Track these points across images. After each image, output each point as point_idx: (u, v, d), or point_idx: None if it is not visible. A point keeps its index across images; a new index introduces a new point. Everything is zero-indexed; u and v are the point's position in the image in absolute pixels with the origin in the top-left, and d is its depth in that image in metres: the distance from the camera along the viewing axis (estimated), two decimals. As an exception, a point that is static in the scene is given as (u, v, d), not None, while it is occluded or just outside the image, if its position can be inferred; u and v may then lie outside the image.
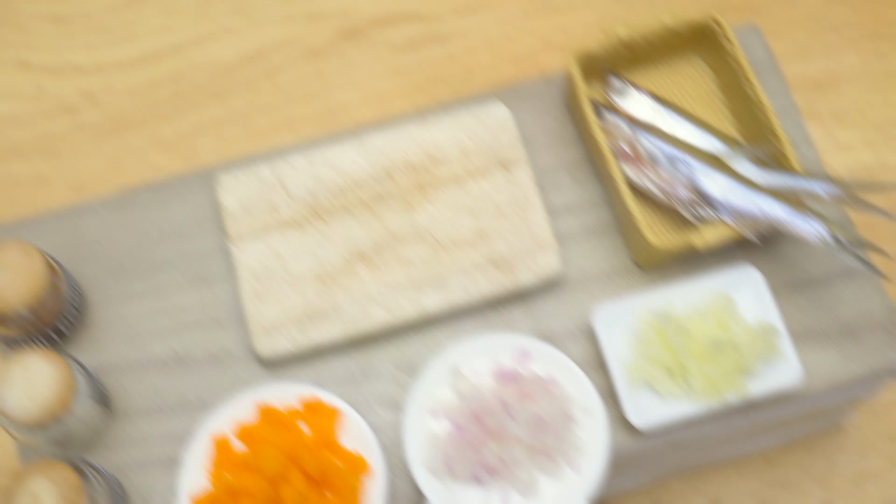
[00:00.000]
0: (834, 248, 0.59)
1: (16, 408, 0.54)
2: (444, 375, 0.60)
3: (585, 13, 0.89)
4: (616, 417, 0.61)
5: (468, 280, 0.62)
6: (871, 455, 0.79)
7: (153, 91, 0.88)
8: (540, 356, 0.60)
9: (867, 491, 0.78)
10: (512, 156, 0.65)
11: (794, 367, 0.60)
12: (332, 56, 0.89)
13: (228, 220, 0.63)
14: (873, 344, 0.63)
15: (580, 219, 0.65)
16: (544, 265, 0.62)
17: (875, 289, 0.64)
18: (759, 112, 0.63)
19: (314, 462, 0.56)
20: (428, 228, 0.63)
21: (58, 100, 0.87)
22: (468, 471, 0.57)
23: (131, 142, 0.86)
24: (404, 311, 0.62)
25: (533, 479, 0.58)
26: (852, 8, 0.91)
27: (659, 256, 0.61)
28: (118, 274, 0.64)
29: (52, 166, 0.85)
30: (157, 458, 0.61)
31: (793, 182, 0.61)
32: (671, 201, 0.63)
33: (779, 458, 0.79)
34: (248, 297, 0.62)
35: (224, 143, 0.86)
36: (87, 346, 0.63)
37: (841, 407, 0.71)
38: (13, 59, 0.89)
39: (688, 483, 0.79)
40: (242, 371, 0.62)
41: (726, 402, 0.59)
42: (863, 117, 0.88)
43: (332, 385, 0.62)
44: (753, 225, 0.61)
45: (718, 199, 0.62)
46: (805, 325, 0.63)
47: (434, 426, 0.59)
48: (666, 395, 0.60)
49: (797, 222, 0.60)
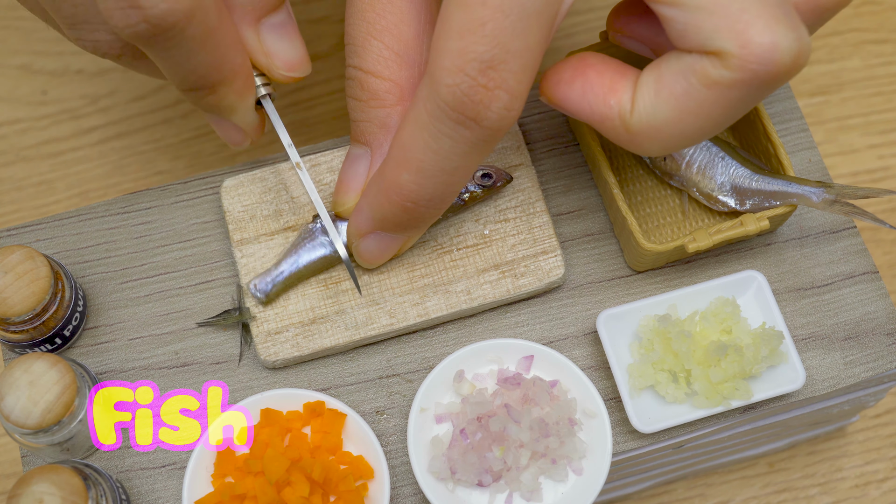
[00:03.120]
0: (834, 202, 0.60)
1: (19, 412, 0.54)
2: (447, 380, 0.60)
3: (585, 17, 0.89)
4: (620, 422, 0.61)
5: (472, 285, 0.62)
6: (876, 460, 0.79)
7: (158, 96, 0.88)
8: (544, 361, 0.60)
9: (871, 496, 0.78)
10: (516, 160, 0.65)
11: (797, 371, 0.60)
12: (335, 61, 0.89)
13: (233, 225, 0.63)
14: (877, 348, 0.63)
15: (584, 224, 0.65)
16: (548, 270, 0.62)
17: (879, 293, 0.64)
18: (754, 116, 0.63)
19: (318, 466, 0.56)
20: (432, 233, 0.63)
21: (62, 105, 0.88)
22: (472, 475, 0.57)
23: (136, 147, 0.86)
24: (408, 316, 0.62)
25: (537, 484, 0.58)
26: (856, 12, 0.91)
27: (651, 257, 0.61)
28: (122, 278, 0.64)
29: (57, 171, 0.86)
30: (160, 462, 0.61)
31: (786, 187, 0.61)
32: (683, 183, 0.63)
33: (783, 463, 0.79)
34: (252, 302, 0.62)
35: (228, 148, 0.86)
36: (90, 350, 0.63)
37: (845, 411, 0.71)
38: (17, 64, 0.89)
39: (691, 488, 0.79)
40: (246, 376, 0.62)
41: (730, 406, 0.59)
42: (867, 122, 0.88)
43: (336, 390, 0.62)
44: (757, 205, 0.61)
45: (726, 182, 0.62)
46: (808, 330, 0.63)
47: (438, 431, 0.60)
48: (670, 399, 0.60)
49: (797, 188, 0.60)
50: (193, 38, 0.49)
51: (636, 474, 0.70)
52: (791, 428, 0.72)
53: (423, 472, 0.58)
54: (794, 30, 0.46)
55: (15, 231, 0.66)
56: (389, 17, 0.53)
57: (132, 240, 0.65)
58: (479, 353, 0.60)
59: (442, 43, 0.47)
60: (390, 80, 0.54)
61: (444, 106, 0.48)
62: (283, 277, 0.61)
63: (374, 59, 0.54)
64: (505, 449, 0.57)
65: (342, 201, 0.58)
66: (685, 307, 0.62)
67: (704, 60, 0.47)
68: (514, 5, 0.46)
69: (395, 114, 0.55)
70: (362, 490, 0.58)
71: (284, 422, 0.59)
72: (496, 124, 0.48)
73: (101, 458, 0.61)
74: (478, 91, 0.46)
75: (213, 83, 0.52)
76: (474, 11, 0.46)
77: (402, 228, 0.56)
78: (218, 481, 0.58)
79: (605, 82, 0.51)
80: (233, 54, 0.52)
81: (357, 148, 0.57)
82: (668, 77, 0.49)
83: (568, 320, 0.63)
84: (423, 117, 0.49)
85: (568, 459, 0.58)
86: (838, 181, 0.84)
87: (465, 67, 0.46)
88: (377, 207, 0.54)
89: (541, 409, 0.58)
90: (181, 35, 0.48)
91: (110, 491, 0.56)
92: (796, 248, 0.65)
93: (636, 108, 0.50)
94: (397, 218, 0.54)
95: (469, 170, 0.51)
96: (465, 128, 0.48)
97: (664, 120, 0.49)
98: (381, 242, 0.58)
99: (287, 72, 0.56)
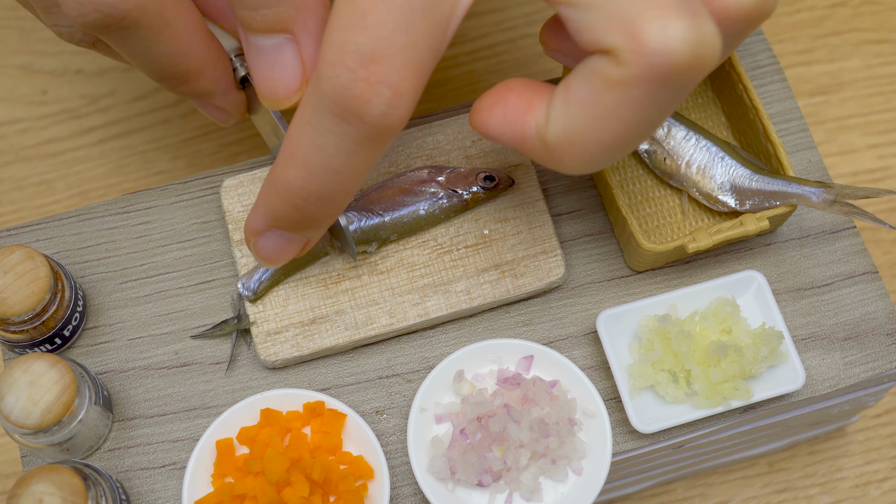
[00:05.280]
0: (834, 202, 0.60)
1: (19, 412, 0.54)
2: (447, 380, 0.60)
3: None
4: (620, 422, 0.61)
5: (472, 285, 0.62)
6: (876, 460, 0.79)
7: (158, 96, 0.88)
8: (544, 361, 0.60)
9: (872, 496, 0.78)
10: (515, 160, 0.65)
11: (797, 371, 0.60)
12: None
13: (232, 225, 0.63)
14: (877, 348, 0.63)
15: (584, 223, 0.65)
16: (548, 270, 0.62)
17: (878, 293, 0.64)
18: (754, 116, 0.63)
19: (318, 467, 0.56)
20: (432, 233, 0.63)
21: (62, 105, 0.88)
22: (472, 475, 0.57)
23: (136, 147, 0.86)
24: (408, 316, 0.62)
25: (537, 484, 0.58)
26: (856, 12, 0.91)
27: (651, 257, 0.61)
28: (122, 278, 0.64)
29: (57, 171, 0.86)
30: (160, 462, 0.61)
31: (786, 187, 0.61)
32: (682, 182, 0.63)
33: (783, 463, 0.79)
34: (252, 301, 0.62)
35: (228, 148, 0.86)
36: (90, 350, 0.63)
37: (845, 411, 0.71)
38: (17, 64, 0.89)
39: (691, 488, 0.79)
40: (246, 376, 0.62)
41: (730, 406, 0.59)
42: (867, 122, 0.88)
43: (336, 390, 0.62)
44: (757, 205, 0.61)
45: (725, 181, 0.62)
46: (808, 330, 0.63)
47: (438, 431, 0.60)
48: (669, 399, 0.60)
49: (796, 188, 0.60)
50: (150, 27, 0.49)
51: (636, 474, 0.70)
52: (791, 428, 0.72)
53: (423, 472, 0.58)
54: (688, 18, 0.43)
55: (15, 231, 0.66)
56: None
57: (132, 240, 0.65)
58: (479, 353, 0.60)
59: (327, 35, 0.45)
60: None
61: (325, 100, 0.45)
62: (269, 273, 0.61)
63: None
64: (505, 449, 0.57)
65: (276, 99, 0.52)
66: (685, 307, 0.62)
67: (602, 60, 0.44)
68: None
69: None
70: (362, 490, 0.58)
71: (284, 422, 0.59)
72: (379, 121, 0.45)
73: (100, 457, 0.61)
74: (358, 84, 0.44)
75: (180, 73, 0.52)
76: (358, 3, 0.44)
77: (297, 227, 0.53)
78: (218, 481, 0.58)
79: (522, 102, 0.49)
80: (197, 44, 0.52)
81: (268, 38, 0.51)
82: (575, 84, 0.46)
83: (568, 320, 0.63)
84: (308, 112, 0.47)
85: (568, 459, 0.58)
86: (838, 181, 0.84)
87: (346, 59, 0.44)
88: (269, 204, 0.51)
89: (541, 409, 0.58)
90: (136, 25, 0.48)
91: (110, 491, 0.56)
92: (796, 248, 0.65)
93: (550, 121, 0.47)
94: (289, 216, 0.51)
95: (358, 170, 0.48)
96: (348, 123, 0.46)
97: (576, 129, 0.46)
98: (279, 241, 0.54)
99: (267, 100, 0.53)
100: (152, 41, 0.50)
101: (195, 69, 0.53)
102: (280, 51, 0.51)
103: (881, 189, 0.61)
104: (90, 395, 0.57)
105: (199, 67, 0.53)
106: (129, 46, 0.50)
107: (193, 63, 0.52)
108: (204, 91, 0.54)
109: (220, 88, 0.55)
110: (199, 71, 0.53)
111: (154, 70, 0.52)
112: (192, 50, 0.52)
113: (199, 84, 0.54)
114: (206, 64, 0.53)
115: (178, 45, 0.51)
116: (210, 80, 0.54)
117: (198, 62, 0.53)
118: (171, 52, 0.51)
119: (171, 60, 0.51)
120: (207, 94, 0.55)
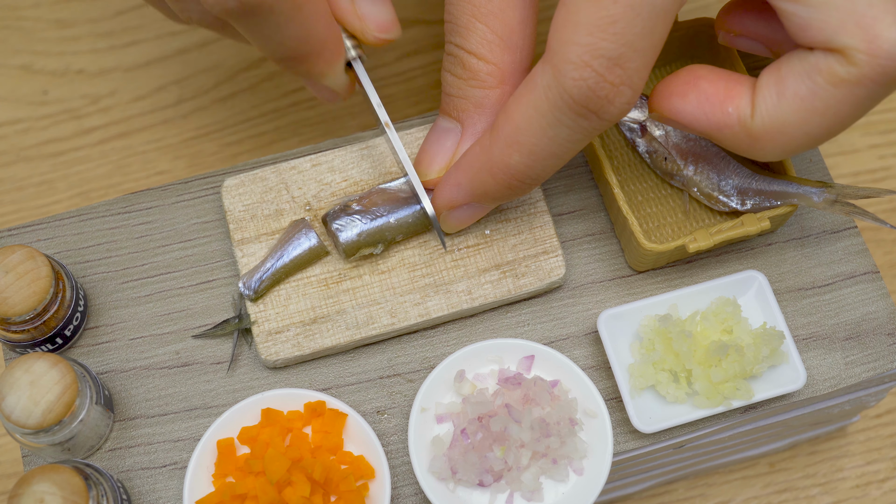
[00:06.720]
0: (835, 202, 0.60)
1: (20, 412, 0.54)
2: (448, 380, 0.60)
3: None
4: (620, 422, 0.61)
5: (473, 285, 0.62)
6: (877, 460, 0.79)
7: (158, 96, 0.88)
8: (544, 361, 0.60)
9: (872, 496, 0.78)
10: (516, 160, 0.65)
11: (798, 371, 0.60)
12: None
13: (233, 224, 0.63)
14: (878, 348, 0.63)
15: (585, 223, 0.65)
16: (549, 270, 0.62)
17: (879, 293, 0.64)
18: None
19: (319, 466, 0.56)
20: (432, 233, 0.63)
21: (63, 105, 0.88)
22: (473, 475, 0.57)
23: (137, 147, 0.86)
24: (409, 316, 0.62)
25: (537, 484, 0.58)
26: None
27: (652, 257, 0.61)
28: (123, 278, 0.64)
29: (58, 171, 0.86)
30: (161, 462, 0.61)
31: (787, 187, 0.61)
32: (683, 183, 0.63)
33: (783, 463, 0.79)
34: (253, 301, 0.62)
35: (229, 148, 0.86)
36: (91, 350, 0.63)
37: (846, 411, 0.71)
38: (18, 64, 0.89)
39: (692, 488, 0.79)
40: (247, 376, 0.62)
41: (731, 406, 0.59)
42: (867, 122, 0.88)
43: (337, 390, 0.62)
44: (757, 204, 0.61)
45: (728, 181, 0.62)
46: (809, 330, 0.63)
47: (439, 431, 0.60)
48: (670, 399, 0.60)
49: (797, 188, 0.60)
50: (282, 13, 0.51)
51: (637, 474, 0.70)
52: (792, 428, 0.72)
53: (424, 472, 0.58)
54: None
55: (16, 231, 0.66)
56: (495, 2, 0.54)
57: (133, 240, 0.65)
58: (480, 353, 0.60)
59: (569, 35, 0.48)
60: (493, 64, 0.55)
61: (567, 98, 0.49)
62: (270, 272, 0.61)
63: (478, 41, 0.55)
64: (506, 449, 0.57)
65: (426, 172, 0.59)
66: (686, 307, 0.62)
67: (830, 58, 0.47)
68: (644, 4, 0.46)
69: (493, 95, 0.56)
70: (363, 490, 0.58)
71: (285, 422, 0.59)
72: (616, 118, 0.50)
73: (101, 457, 0.61)
74: (603, 87, 0.48)
75: (302, 54, 0.54)
76: (605, 9, 0.47)
77: (497, 201, 0.58)
78: (219, 481, 0.58)
79: (719, 90, 0.52)
80: (322, 26, 0.54)
81: (446, 121, 0.58)
82: (791, 78, 0.49)
83: (569, 320, 0.63)
84: (544, 105, 0.50)
85: (569, 459, 0.58)
86: (839, 181, 0.84)
87: (593, 63, 0.47)
88: (479, 183, 0.56)
89: (542, 408, 0.58)
90: (270, 11, 0.50)
91: (111, 491, 0.56)
92: (797, 248, 0.65)
93: (758, 112, 0.50)
94: (498, 193, 0.56)
95: (574, 153, 0.53)
96: (585, 119, 0.50)
97: (789, 122, 0.49)
98: (473, 211, 0.59)
99: (380, 34, 0.57)
100: (282, 25, 0.52)
101: (315, 51, 0.55)
102: (447, 134, 0.58)
103: (882, 189, 0.61)
104: (91, 395, 0.57)
105: (319, 49, 0.55)
106: (259, 30, 0.52)
107: (315, 45, 0.54)
108: (318, 72, 0.56)
109: (334, 70, 0.57)
110: (319, 53, 0.55)
111: (276, 51, 0.54)
112: (317, 33, 0.54)
113: (316, 65, 0.56)
114: (325, 47, 0.55)
115: (305, 28, 0.53)
116: (326, 63, 0.56)
117: (319, 45, 0.54)
118: (297, 35, 0.53)
119: (296, 43, 0.53)
120: (321, 75, 0.57)
